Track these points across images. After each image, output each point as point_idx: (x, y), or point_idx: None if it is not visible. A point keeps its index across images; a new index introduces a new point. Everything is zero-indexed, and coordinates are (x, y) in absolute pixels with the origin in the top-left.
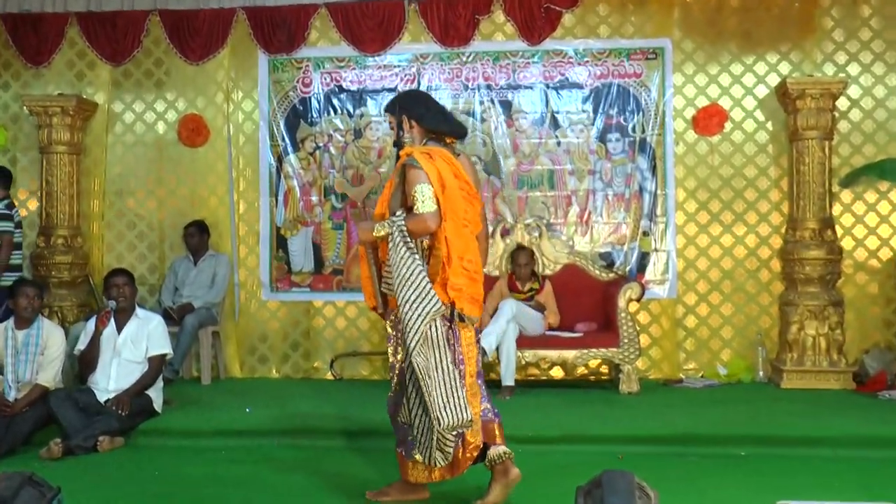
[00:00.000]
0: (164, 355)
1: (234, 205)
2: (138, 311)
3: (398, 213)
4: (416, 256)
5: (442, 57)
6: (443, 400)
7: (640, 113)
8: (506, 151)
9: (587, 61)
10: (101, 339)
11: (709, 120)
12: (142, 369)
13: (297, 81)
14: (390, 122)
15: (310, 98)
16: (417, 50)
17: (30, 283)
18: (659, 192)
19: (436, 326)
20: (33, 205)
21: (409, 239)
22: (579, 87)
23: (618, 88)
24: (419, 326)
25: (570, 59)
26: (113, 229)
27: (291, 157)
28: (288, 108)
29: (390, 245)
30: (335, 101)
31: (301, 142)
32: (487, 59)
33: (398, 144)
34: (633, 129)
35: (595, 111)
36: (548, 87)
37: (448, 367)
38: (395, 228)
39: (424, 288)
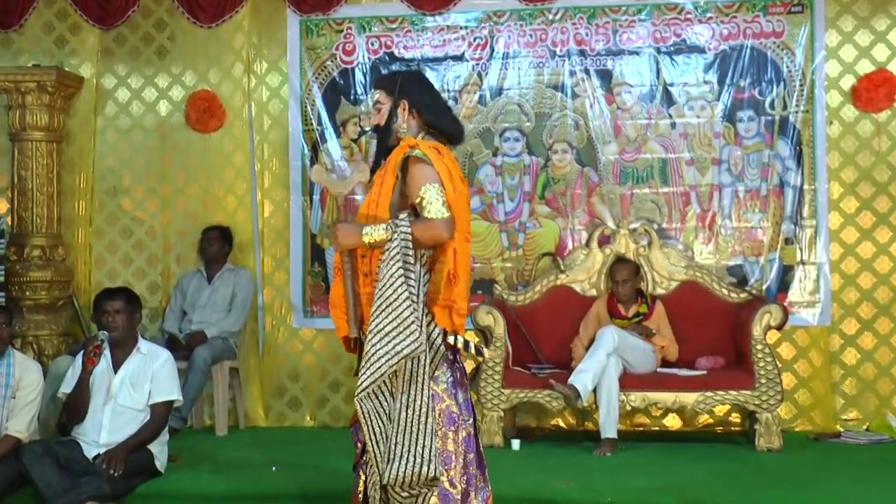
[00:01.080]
0: (171, 402)
1: (256, 206)
2: (141, 343)
3: (402, 216)
4: (412, 276)
5: (521, 15)
6: (401, 448)
7: (781, 84)
8: (604, 136)
9: (710, 18)
10: (91, 379)
11: (874, 91)
12: (142, 419)
13: (338, 48)
14: (378, 101)
15: (353, 69)
16: (490, 6)
17: None
18: (806, 186)
19: (419, 359)
20: (1, 207)
21: (410, 250)
22: (700, 51)
23: (751, 52)
24: (381, 367)
25: (688, 16)
26: (104, 237)
27: (330, 144)
28: (325, 82)
29: (384, 255)
30: (385, 73)
31: (342, 125)
32: (581, 18)
33: (384, 132)
34: (772, 106)
35: (721, 83)
36: (659, 51)
37: (421, 410)
38: (397, 235)
39: (406, 321)
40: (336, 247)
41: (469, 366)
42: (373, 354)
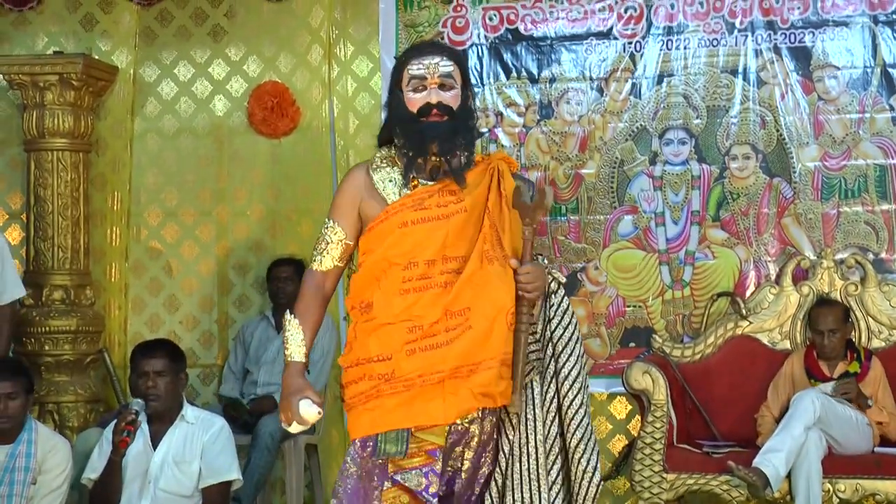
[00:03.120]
0: (228, 484)
1: None
2: (188, 410)
3: (539, 258)
4: None
5: None
6: None
7: None
8: (800, 136)
9: None
10: (124, 461)
11: None
12: None
13: (446, 24)
14: (452, 77)
15: (466, 52)
16: None
17: (3, 366)
18: None
19: None
20: (15, 235)
21: None
22: None
23: None
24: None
25: None
26: (143, 274)
27: None
28: None
29: (555, 307)
30: (507, 57)
31: None
32: None
33: (461, 122)
34: None
35: None
36: (876, 21)
37: None
38: (556, 282)
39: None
40: (533, 295)
41: (620, 443)
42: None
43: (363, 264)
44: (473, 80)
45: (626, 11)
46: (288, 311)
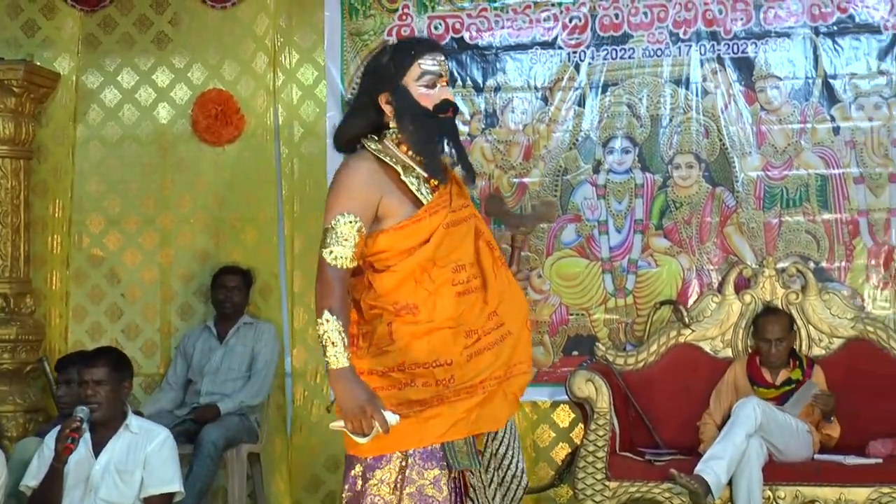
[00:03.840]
0: (170, 496)
1: (284, 241)
2: (132, 420)
3: None
4: None
5: None
6: None
7: None
8: (743, 146)
9: None
10: (65, 468)
11: None
12: None
13: (391, 33)
14: (444, 74)
15: None
16: None
17: None
18: None
19: None
20: None
21: None
22: (874, 30)
23: None
24: None
25: None
26: (85, 283)
27: None
28: None
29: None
30: (452, 66)
31: None
32: None
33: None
34: None
35: None
36: (817, 32)
37: None
38: None
39: None
40: None
41: (563, 451)
42: None
43: (395, 264)
44: None
45: (570, 21)
46: (326, 309)
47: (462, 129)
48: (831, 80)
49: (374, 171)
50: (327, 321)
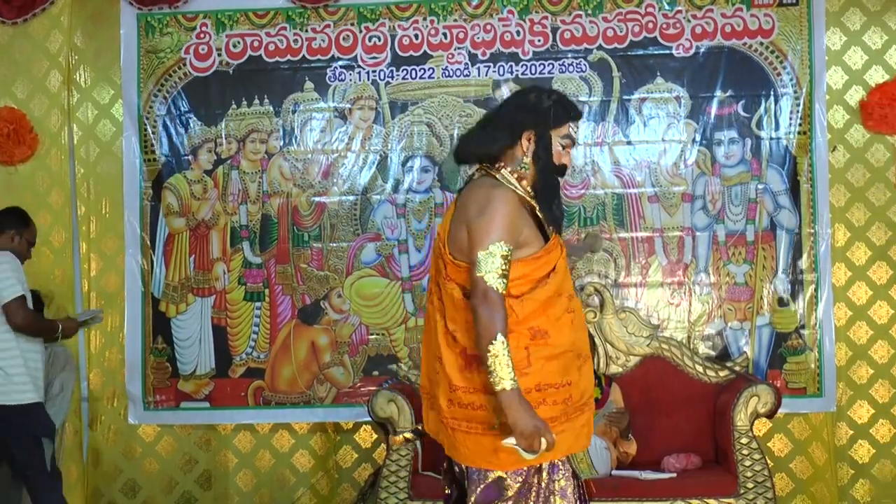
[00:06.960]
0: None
1: (80, 263)
2: None
3: None
4: None
5: (432, 8)
6: None
7: (771, 97)
8: None
9: (679, 11)
10: None
11: (888, 107)
12: None
13: (188, 51)
14: (575, 144)
15: (208, 79)
16: None
17: None
18: (806, 230)
19: None
20: None
21: None
22: (666, 53)
23: (731, 56)
24: None
25: (650, 8)
26: None
27: (177, 178)
28: (172, 96)
29: None
30: (251, 84)
31: (193, 153)
32: (510, 12)
33: None
34: (759, 125)
35: (694, 95)
36: (613, 55)
37: None
38: None
39: None
40: None
41: (366, 472)
42: None
43: (532, 291)
44: (217, 108)
45: (370, 40)
46: (500, 332)
47: (259, 147)
48: (626, 101)
49: (518, 202)
50: (501, 343)
